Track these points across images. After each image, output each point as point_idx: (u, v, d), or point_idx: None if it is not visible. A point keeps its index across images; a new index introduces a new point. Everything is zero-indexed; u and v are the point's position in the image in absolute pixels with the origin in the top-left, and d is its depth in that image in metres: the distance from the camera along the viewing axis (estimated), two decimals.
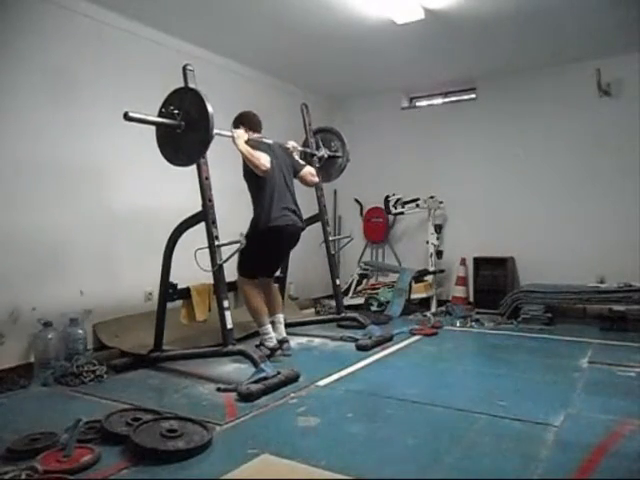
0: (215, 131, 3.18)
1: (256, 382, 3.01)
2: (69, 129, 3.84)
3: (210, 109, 3.11)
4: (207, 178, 3.48)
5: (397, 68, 5.72)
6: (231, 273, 3.82)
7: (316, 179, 4.32)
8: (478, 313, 5.57)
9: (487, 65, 5.65)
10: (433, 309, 5.89)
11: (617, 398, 2.92)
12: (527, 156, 5.80)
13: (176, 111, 3.23)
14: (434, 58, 5.41)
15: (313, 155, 4.72)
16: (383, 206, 6.25)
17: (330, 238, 4.89)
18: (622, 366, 3.53)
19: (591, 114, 5.45)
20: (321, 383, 3.27)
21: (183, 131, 3.22)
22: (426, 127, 6.42)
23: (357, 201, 6.88)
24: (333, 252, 4.92)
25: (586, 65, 5.34)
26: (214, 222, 3.45)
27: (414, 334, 4.69)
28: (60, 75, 3.79)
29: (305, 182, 4.25)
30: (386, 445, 2.38)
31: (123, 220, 4.19)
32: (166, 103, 3.31)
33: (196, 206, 3.48)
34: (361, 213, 6.84)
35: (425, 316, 5.58)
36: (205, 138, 3.15)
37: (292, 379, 3.22)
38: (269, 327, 3.90)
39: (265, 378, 3.05)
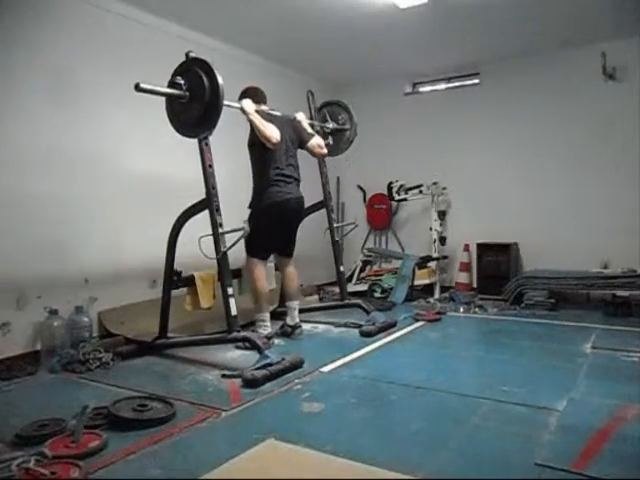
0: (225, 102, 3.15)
1: (261, 368, 3.02)
2: (71, 119, 3.83)
3: (219, 78, 3.08)
4: (211, 165, 3.47)
5: (400, 53, 5.67)
6: (236, 260, 3.81)
7: (325, 150, 4.26)
8: (481, 299, 5.58)
9: (491, 50, 5.59)
10: (436, 295, 5.90)
11: (620, 383, 2.93)
12: (531, 141, 5.76)
13: (182, 82, 3.19)
14: (437, 43, 5.36)
15: (321, 128, 4.63)
16: (386, 192, 6.23)
17: (334, 225, 4.89)
18: (625, 351, 3.53)
19: (596, 98, 5.40)
20: (325, 369, 3.29)
21: (188, 101, 3.21)
22: (429, 113, 6.38)
23: (360, 188, 6.86)
24: (337, 239, 4.92)
25: (591, 49, 5.29)
26: (218, 209, 3.45)
27: (418, 320, 4.71)
28: (62, 64, 3.77)
29: (313, 153, 4.19)
30: (390, 430, 2.40)
31: (125, 207, 4.19)
32: (174, 74, 3.28)
33: (201, 193, 3.48)
34: (364, 200, 6.83)
35: (429, 302, 5.62)
36: (215, 108, 3.11)
37: (296, 365, 3.24)
38: (267, 315, 3.92)
39: (270, 364, 3.07)
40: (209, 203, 3.45)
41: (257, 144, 3.73)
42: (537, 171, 5.74)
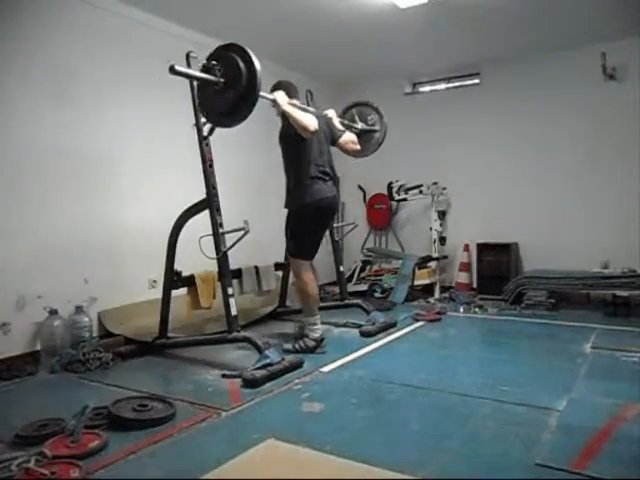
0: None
1: (261, 368, 3.03)
2: (71, 119, 3.83)
3: (258, 67, 2.98)
4: (211, 165, 3.47)
5: (400, 53, 5.67)
6: (236, 261, 3.81)
7: (358, 146, 4.06)
8: (481, 299, 5.59)
9: (491, 50, 5.59)
10: (436, 295, 5.90)
11: (620, 383, 2.93)
12: (531, 141, 5.76)
13: (217, 67, 3.05)
14: (437, 43, 5.36)
15: (351, 127, 4.40)
16: (386, 192, 6.23)
17: (334, 225, 4.88)
18: (625, 351, 3.53)
19: (596, 98, 5.40)
20: (325, 369, 3.29)
21: (222, 89, 3.07)
22: (429, 113, 6.38)
23: (360, 188, 6.86)
24: (337, 239, 4.92)
25: (591, 49, 5.28)
26: (218, 209, 3.45)
27: (418, 320, 4.71)
28: (61, 63, 3.78)
29: (346, 150, 4.02)
30: (390, 430, 2.40)
31: (126, 207, 4.20)
32: (209, 58, 3.15)
33: (201, 192, 3.49)
34: (364, 200, 6.83)
35: (429, 302, 5.61)
36: (251, 97, 3.00)
37: (296, 365, 3.25)
38: (319, 318, 3.74)
39: (270, 364, 3.07)
40: (209, 203, 3.45)
41: (292, 137, 3.53)
42: (537, 171, 5.74)
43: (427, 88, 6.62)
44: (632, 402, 2.60)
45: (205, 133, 3.45)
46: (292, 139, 3.57)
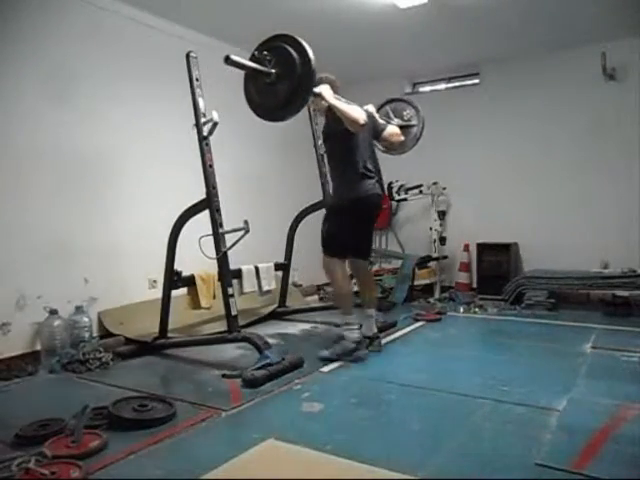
0: None
1: (261, 368, 3.03)
2: (70, 119, 3.83)
3: (313, 58, 2.87)
4: (211, 165, 3.47)
5: (400, 53, 5.67)
6: (237, 260, 3.80)
7: (402, 137, 3.92)
8: (481, 299, 5.58)
9: (491, 49, 5.59)
10: (437, 295, 5.90)
11: (620, 383, 2.93)
12: (531, 141, 5.76)
13: (269, 58, 2.93)
14: (437, 43, 5.36)
15: (388, 123, 4.14)
16: (386, 192, 6.21)
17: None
18: (625, 351, 3.53)
19: (596, 98, 5.40)
20: (325, 369, 3.29)
21: (273, 81, 2.96)
22: (429, 113, 6.32)
23: None
24: None
25: (591, 49, 5.28)
26: (218, 209, 3.45)
27: (418, 320, 4.71)
28: (60, 63, 3.78)
29: (390, 142, 3.85)
30: (390, 430, 2.41)
31: (125, 207, 4.20)
32: (260, 49, 3.04)
33: (201, 192, 3.49)
34: None
35: (429, 302, 5.61)
36: (306, 91, 2.90)
37: (296, 365, 3.24)
38: (354, 317, 3.58)
39: (270, 364, 3.07)
40: (209, 203, 3.45)
41: (340, 132, 3.38)
42: (537, 171, 5.74)
43: (427, 88, 6.62)
44: (632, 402, 2.60)
45: (205, 133, 3.45)
46: (340, 134, 3.42)
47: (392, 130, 3.83)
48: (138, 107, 4.28)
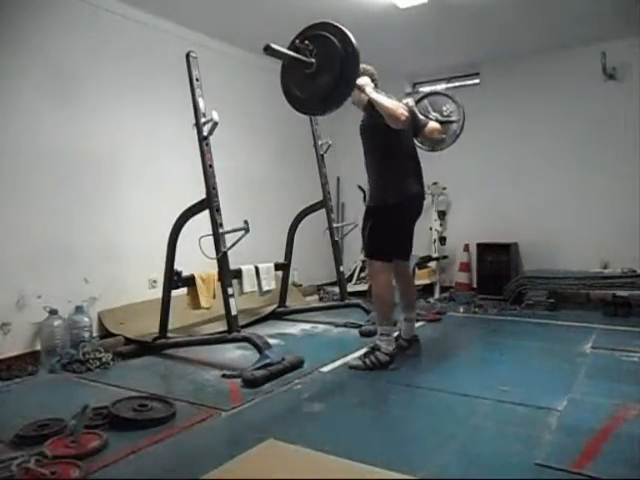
0: None
1: (261, 368, 3.03)
2: (70, 119, 3.83)
3: (357, 48, 2.71)
4: (211, 165, 3.47)
5: (400, 53, 5.66)
6: (237, 260, 3.80)
7: (444, 135, 3.78)
8: (481, 299, 5.58)
9: (491, 49, 5.59)
10: (436, 295, 5.90)
11: (620, 383, 2.93)
12: (531, 141, 5.76)
13: (310, 47, 2.77)
14: (437, 43, 5.36)
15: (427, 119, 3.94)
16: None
17: (334, 225, 4.89)
18: (625, 351, 3.53)
19: (596, 98, 5.40)
20: (325, 369, 3.29)
21: (314, 72, 2.80)
22: None
23: (360, 188, 6.82)
24: (337, 239, 4.92)
25: (591, 49, 5.28)
26: (218, 209, 3.45)
27: (418, 320, 4.69)
28: (60, 63, 3.78)
29: (431, 138, 3.71)
30: (390, 430, 2.40)
31: (125, 207, 4.20)
32: (301, 38, 2.91)
33: (201, 192, 3.49)
34: (364, 200, 6.81)
35: (429, 302, 5.61)
36: (348, 82, 2.73)
37: (296, 365, 3.25)
38: (394, 328, 3.44)
39: (270, 364, 3.07)
40: (209, 203, 3.45)
41: (380, 127, 3.20)
42: (537, 171, 5.74)
43: (427, 88, 6.60)
44: (632, 402, 2.59)
45: (205, 133, 3.45)
46: (380, 130, 3.23)
47: (433, 126, 3.65)
48: (138, 107, 4.28)
